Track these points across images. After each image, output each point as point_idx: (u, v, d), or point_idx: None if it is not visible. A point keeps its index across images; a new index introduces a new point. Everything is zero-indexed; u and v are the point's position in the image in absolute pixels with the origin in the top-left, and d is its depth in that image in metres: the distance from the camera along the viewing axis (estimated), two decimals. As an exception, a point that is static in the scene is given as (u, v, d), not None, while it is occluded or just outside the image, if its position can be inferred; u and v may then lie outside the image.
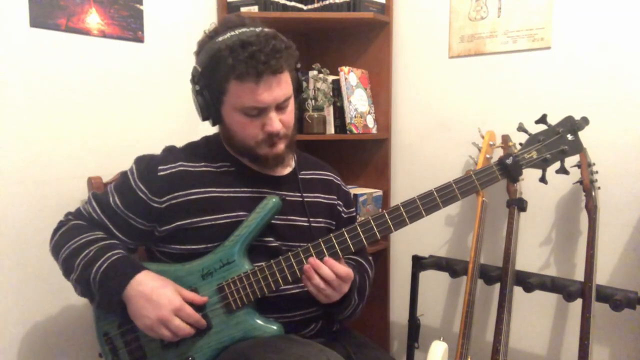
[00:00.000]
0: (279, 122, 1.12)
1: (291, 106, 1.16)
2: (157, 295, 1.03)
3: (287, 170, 1.26)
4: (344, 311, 1.20)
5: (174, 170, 1.16)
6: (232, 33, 1.08)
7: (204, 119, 1.17)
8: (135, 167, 1.18)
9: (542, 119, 1.11)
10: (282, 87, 1.10)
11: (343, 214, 1.33)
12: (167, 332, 1.03)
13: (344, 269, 1.08)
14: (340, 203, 1.33)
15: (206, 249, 1.13)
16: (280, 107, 1.12)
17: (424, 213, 1.07)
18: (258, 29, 1.09)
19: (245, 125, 1.12)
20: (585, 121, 1.10)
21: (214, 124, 1.19)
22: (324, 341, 1.20)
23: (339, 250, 1.08)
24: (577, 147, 1.10)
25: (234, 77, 1.06)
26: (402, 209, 1.07)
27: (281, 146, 1.16)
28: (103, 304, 1.10)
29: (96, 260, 1.07)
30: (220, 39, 1.08)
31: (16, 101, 1.40)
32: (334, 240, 1.08)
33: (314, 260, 1.06)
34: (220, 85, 1.09)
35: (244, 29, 1.09)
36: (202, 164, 1.19)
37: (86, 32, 1.53)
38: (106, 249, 1.10)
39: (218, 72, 1.08)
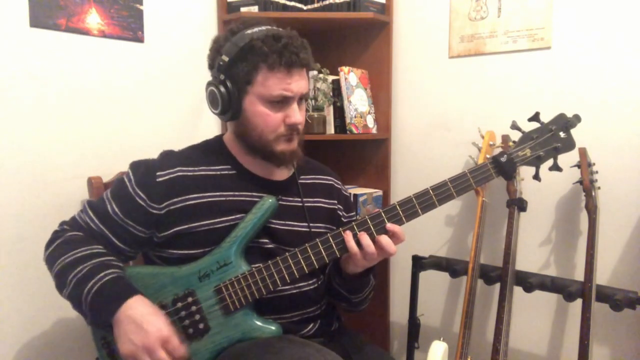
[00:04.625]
0: (300, 114, 1.15)
1: (305, 104, 1.20)
2: (147, 322, 1.00)
3: (286, 175, 1.25)
4: (368, 286, 1.25)
5: (172, 175, 1.14)
6: (260, 28, 1.11)
7: (222, 111, 1.15)
8: (133, 174, 1.15)
9: (535, 117, 1.12)
10: (305, 81, 1.15)
11: (343, 219, 1.33)
12: None
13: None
14: (341, 207, 1.33)
15: (204, 253, 1.12)
16: (299, 102, 1.15)
17: (420, 212, 1.08)
18: (281, 29, 1.14)
19: (267, 116, 1.12)
20: (577, 118, 1.10)
21: (230, 118, 1.17)
22: (323, 341, 1.20)
23: (336, 250, 1.08)
24: (569, 145, 1.10)
25: (266, 65, 1.08)
26: (398, 207, 1.08)
27: (295, 143, 1.17)
28: (94, 324, 1.09)
29: (89, 280, 1.05)
30: (249, 31, 1.10)
31: (16, 101, 1.40)
32: (332, 240, 1.08)
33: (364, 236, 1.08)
34: (248, 74, 1.10)
35: (268, 26, 1.13)
36: (201, 168, 1.18)
37: (86, 32, 1.53)
38: (100, 267, 1.07)
39: (248, 61, 1.09)
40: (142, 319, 1.00)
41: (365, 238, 1.07)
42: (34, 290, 1.46)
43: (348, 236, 1.08)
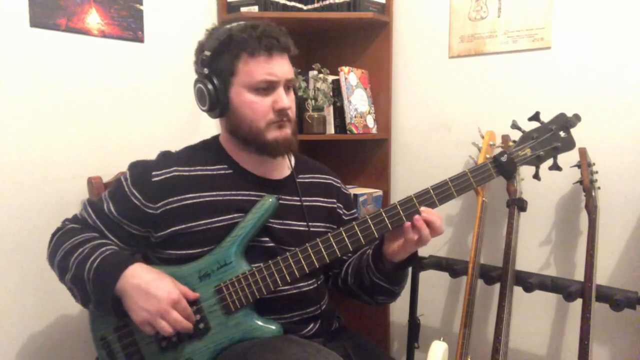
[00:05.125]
0: (287, 99, 1.15)
1: (292, 92, 1.20)
2: (154, 287, 1.02)
3: (284, 173, 1.25)
4: (407, 272, 1.21)
5: (168, 175, 1.15)
6: (238, 22, 1.14)
7: (211, 107, 1.15)
8: (129, 173, 1.17)
9: (535, 117, 1.12)
10: (288, 66, 1.16)
11: (344, 217, 1.33)
12: (165, 324, 1.02)
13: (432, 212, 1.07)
14: (340, 206, 1.33)
15: (203, 252, 1.13)
16: (286, 89, 1.16)
17: (420, 211, 1.07)
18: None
19: (255, 104, 1.13)
20: (577, 118, 1.10)
21: (220, 114, 1.17)
22: (323, 341, 1.20)
23: (337, 250, 1.08)
24: (569, 144, 1.10)
25: (247, 52, 1.10)
26: (399, 207, 1.07)
27: (288, 130, 1.17)
28: (98, 302, 1.07)
29: (89, 257, 1.07)
30: (227, 26, 1.13)
31: (16, 101, 1.40)
32: (332, 240, 1.08)
33: (426, 209, 1.06)
34: (230, 64, 1.12)
35: (246, 21, 1.15)
36: (198, 167, 1.18)
37: (86, 32, 1.53)
38: (99, 245, 1.10)
39: (229, 52, 1.11)
40: (149, 285, 1.03)
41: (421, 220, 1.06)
42: (33, 290, 1.46)
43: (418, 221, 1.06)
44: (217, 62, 1.13)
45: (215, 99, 1.14)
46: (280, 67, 1.13)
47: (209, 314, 1.09)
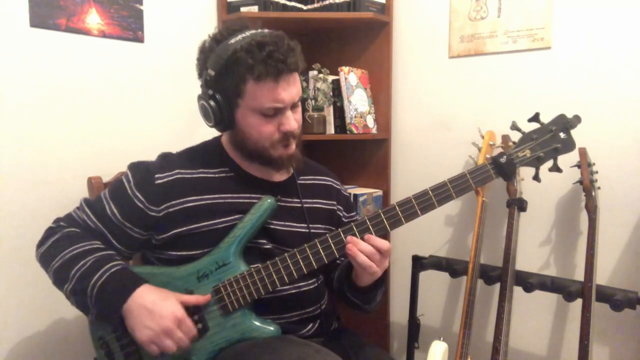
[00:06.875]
0: (294, 121, 1.13)
1: (300, 106, 1.18)
2: (159, 307, 1.03)
3: (285, 176, 1.25)
4: (378, 294, 1.20)
5: (171, 178, 1.14)
6: (243, 35, 1.08)
7: (215, 124, 1.14)
8: (132, 175, 1.15)
9: (535, 118, 1.11)
10: (296, 85, 1.12)
11: (344, 219, 1.33)
12: (170, 342, 1.02)
13: (383, 242, 1.06)
14: (341, 208, 1.33)
15: (203, 254, 1.12)
16: (293, 106, 1.13)
17: (419, 212, 1.07)
18: (266, 30, 1.11)
19: (261, 126, 1.11)
20: (577, 119, 1.10)
21: (224, 129, 1.17)
22: (322, 341, 1.20)
23: (335, 250, 1.08)
24: (570, 145, 1.10)
25: (253, 77, 1.05)
26: (397, 208, 1.07)
27: (293, 146, 1.16)
28: (100, 317, 1.08)
29: (94, 273, 1.05)
30: (232, 41, 1.07)
31: (16, 101, 1.40)
32: (331, 240, 1.08)
33: (351, 237, 1.05)
34: (236, 87, 1.08)
35: (252, 31, 1.09)
36: (199, 170, 1.17)
37: (86, 32, 1.53)
38: (104, 260, 1.08)
39: (234, 74, 1.07)
40: (154, 305, 1.03)
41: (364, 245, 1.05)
42: (33, 290, 1.46)
43: (356, 254, 1.05)
44: (221, 82, 1.09)
45: (220, 118, 1.12)
46: (288, 93, 1.09)
47: (207, 314, 1.09)
